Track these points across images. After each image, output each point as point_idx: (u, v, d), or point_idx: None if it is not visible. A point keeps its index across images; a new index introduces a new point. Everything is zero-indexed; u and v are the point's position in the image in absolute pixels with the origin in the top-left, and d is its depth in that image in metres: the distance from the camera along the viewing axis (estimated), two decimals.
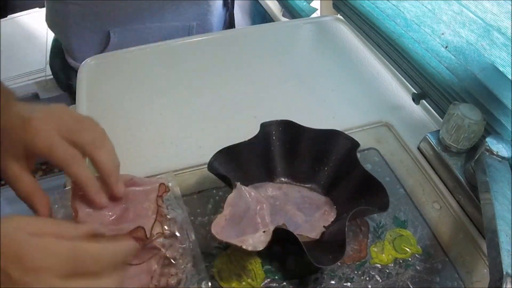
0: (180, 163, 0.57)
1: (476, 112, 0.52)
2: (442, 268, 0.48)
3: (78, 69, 0.73)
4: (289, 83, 0.71)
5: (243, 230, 0.45)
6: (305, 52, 0.80)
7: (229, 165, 0.51)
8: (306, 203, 0.52)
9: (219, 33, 0.92)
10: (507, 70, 0.54)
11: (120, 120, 0.63)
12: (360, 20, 0.81)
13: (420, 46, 0.66)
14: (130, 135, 0.61)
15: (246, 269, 0.47)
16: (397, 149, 0.61)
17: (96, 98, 0.67)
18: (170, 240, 0.45)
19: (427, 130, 0.61)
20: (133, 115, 0.64)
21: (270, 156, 0.54)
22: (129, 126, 0.62)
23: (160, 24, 0.90)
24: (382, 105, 0.68)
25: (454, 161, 0.55)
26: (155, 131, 0.62)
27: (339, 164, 0.53)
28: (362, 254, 0.48)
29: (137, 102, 0.67)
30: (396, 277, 0.47)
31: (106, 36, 0.88)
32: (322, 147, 0.54)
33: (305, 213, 0.51)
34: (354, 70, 0.75)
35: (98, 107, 0.65)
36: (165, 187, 0.47)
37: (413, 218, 0.52)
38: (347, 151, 0.53)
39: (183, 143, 0.60)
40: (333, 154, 0.53)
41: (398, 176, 0.57)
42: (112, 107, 0.65)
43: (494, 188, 0.44)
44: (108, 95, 0.68)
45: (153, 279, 0.42)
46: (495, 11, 0.54)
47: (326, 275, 0.47)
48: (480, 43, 0.57)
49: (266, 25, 0.89)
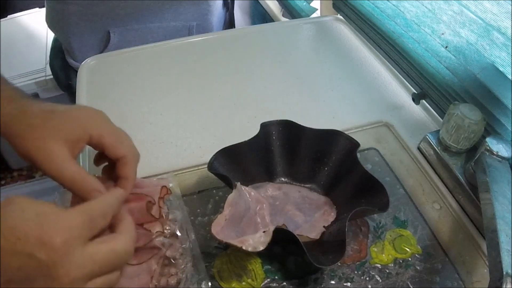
0: (180, 163, 0.57)
1: (476, 112, 0.52)
2: (442, 268, 0.48)
3: (78, 69, 0.73)
4: (289, 83, 0.71)
5: (243, 230, 0.45)
6: (305, 52, 0.80)
7: (229, 165, 0.51)
8: (306, 203, 0.52)
9: (219, 33, 0.92)
10: (507, 70, 0.54)
11: (120, 120, 0.63)
12: (360, 20, 0.81)
13: (420, 46, 0.66)
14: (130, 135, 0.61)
15: (246, 269, 0.47)
16: (397, 149, 0.61)
17: (96, 98, 0.67)
18: (170, 240, 0.45)
19: (427, 130, 0.61)
20: (133, 115, 0.64)
21: (270, 156, 0.54)
22: (129, 126, 0.62)
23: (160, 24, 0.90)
24: (382, 105, 0.68)
25: (454, 161, 0.55)
26: (155, 131, 0.62)
27: (339, 164, 0.53)
28: (362, 254, 0.48)
29: (137, 102, 0.67)
30: (396, 277, 0.47)
31: (106, 36, 0.88)
32: (322, 147, 0.54)
33: (305, 213, 0.51)
34: (354, 70, 0.75)
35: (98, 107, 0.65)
36: (166, 189, 0.47)
37: (413, 218, 0.52)
38: (347, 151, 0.53)
39: (183, 143, 0.60)
40: (333, 154, 0.53)
41: (398, 176, 0.57)
42: (112, 107, 0.65)
43: (494, 188, 0.44)
44: (108, 95, 0.68)
45: (153, 279, 0.42)
46: (495, 11, 0.54)
47: (326, 275, 0.47)
48: (480, 43, 0.57)
49: (266, 25, 0.89)
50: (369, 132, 0.63)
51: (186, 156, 0.58)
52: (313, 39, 0.84)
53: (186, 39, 0.81)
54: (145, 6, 0.87)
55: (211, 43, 0.80)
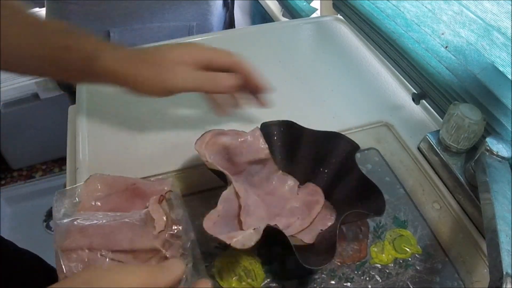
0: (180, 163, 0.57)
1: (476, 112, 0.52)
2: (442, 268, 0.48)
3: None
4: (289, 83, 0.71)
5: (236, 227, 0.45)
6: (305, 52, 0.80)
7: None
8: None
9: (219, 33, 0.92)
10: (507, 70, 0.54)
11: (120, 120, 0.63)
12: (360, 20, 0.81)
13: (420, 46, 0.66)
14: (130, 135, 0.61)
15: (246, 269, 0.47)
16: (397, 149, 0.61)
17: (96, 98, 0.67)
18: (171, 240, 0.45)
19: (427, 130, 0.61)
20: (133, 115, 0.64)
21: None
22: (129, 126, 0.62)
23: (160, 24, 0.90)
24: (382, 105, 0.68)
25: (454, 161, 0.55)
26: (155, 131, 0.62)
27: (339, 167, 0.53)
28: (362, 254, 0.48)
29: (137, 102, 0.66)
30: (396, 277, 0.47)
31: (106, 36, 0.88)
32: (323, 149, 0.53)
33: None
34: (354, 70, 0.75)
35: (98, 107, 0.65)
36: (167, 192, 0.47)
37: (413, 218, 0.52)
38: (347, 153, 0.52)
39: (183, 143, 0.60)
40: (333, 156, 0.53)
41: (398, 176, 0.57)
42: (112, 107, 0.65)
43: (494, 188, 0.44)
44: (108, 95, 0.68)
45: None
46: (495, 11, 0.54)
47: (326, 275, 0.47)
48: (480, 43, 0.57)
49: (266, 25, 0.89)
50: (369, 132, 0.63)
51: (186, 156, 0.58)
52: (313, 39, 0.84)
53: (186, 39, 0.81)
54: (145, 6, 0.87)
55: (211, 43, 0.80)
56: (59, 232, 0.43)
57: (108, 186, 0.48)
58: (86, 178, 0.49)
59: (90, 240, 0.43)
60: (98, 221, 0.44)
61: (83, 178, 0.51)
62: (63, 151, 0.61)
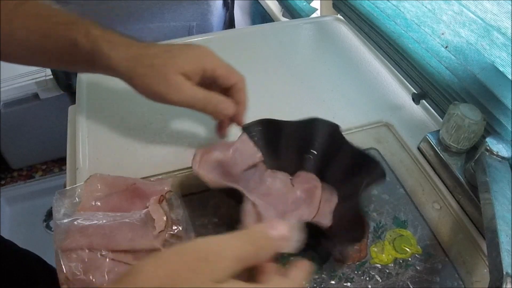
0: (180, 163, 0.57)
1: (476, 112, 0.52)
2: (442, 268, 0.48)
3: None
4: (289, 83, 0.71)
5: None
6: (305, 52, 0.80)
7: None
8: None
9: (219, 33, 0.92)
10: (507, 70, 0.54)
11: (120, 120, 0.63)
12: (360, 20, 0.81)
13: (420, 46, 0.66)
14: (130, 135, 0.61)
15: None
16: (397, 149, 0.61)
17: (96, 98, 0.67)
18: (171, 240, 0.45)
19: (427, 130, 0.61)
20: (133, 115, 0.64)
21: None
22: (129, 126, 0.62)
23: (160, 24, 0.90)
24: (382, 105, 0.68)
25: (454, 161, 0.55)
26: (155, 131, 0.62)
27: (325, 148, 0.53)
28: (362, 254, 0.48)
29: (137, 102, 0.66)
30: (396, 277, 0.47)
31: None
32: (304, 136, 0.54)
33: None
34: (354, 70, 0.75)
35: (98, 107, 0.65)
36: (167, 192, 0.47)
37: (413, 218, 0.53)
38: (330, 134, 0.53)
39: (183, 143, 0.60)
40: (316, 140, 0.53)
41: (398, 176, 0.57)
42: (112, 107, 0.65)
43: (494, 188, 0.44)
44: (108, 95, 0.68)
45: None
46: (495, 11, 0.54)
47: (326, 275, 0.47)
48: (480, 43, 0.57)
49: (266, 25, 0.89)
50: (369, 132, 0.63)
51: (186, 156, 0.58)
52: (313, 39, 0.84)
53: (186, 39, 0.81)
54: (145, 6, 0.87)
55: (211, 43, 0.80)
56: (59, 232, 0.43)
57: (108, 186, 0.48)
58: (86, 178, 0.49)
59: (90, 240, 0.43)
60: (98, 221, 0.44)
61: (83, 178, 0.51)
62: (63, 151, 0.61)
